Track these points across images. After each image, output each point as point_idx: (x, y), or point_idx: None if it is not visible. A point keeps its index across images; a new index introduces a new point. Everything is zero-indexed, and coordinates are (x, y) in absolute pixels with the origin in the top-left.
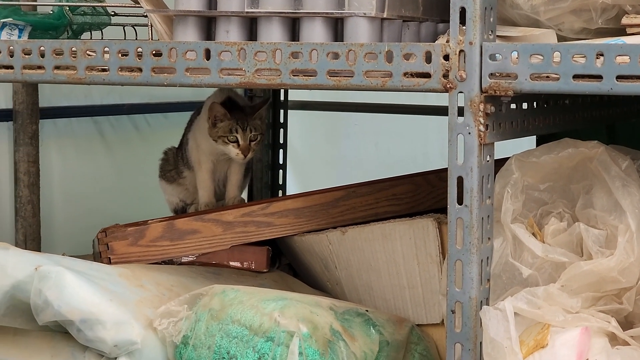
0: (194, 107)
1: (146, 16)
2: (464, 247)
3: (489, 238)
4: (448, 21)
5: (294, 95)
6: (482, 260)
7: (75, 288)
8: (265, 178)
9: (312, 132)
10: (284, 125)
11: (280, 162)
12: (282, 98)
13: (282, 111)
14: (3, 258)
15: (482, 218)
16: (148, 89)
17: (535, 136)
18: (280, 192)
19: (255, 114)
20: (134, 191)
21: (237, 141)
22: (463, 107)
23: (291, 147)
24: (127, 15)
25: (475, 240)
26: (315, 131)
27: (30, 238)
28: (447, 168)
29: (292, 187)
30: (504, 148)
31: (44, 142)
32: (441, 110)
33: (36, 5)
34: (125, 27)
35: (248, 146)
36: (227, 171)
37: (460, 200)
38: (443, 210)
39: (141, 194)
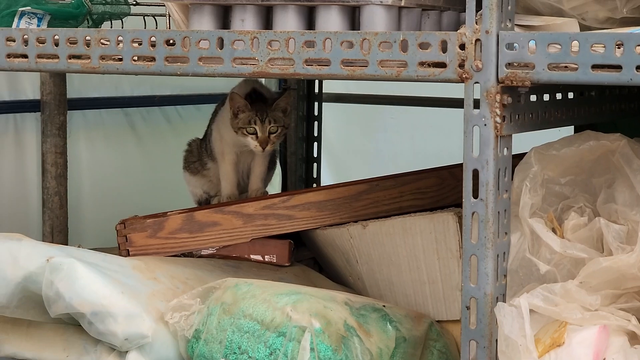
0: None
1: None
2: (479, 241)
3: (505, 233)
4: None
5: (329, 88)
6: (497, 256)
7: (87, 280)
8: (299, 171)
9: (347, 125)
10: (319, 118)
11: (315, 155)
12: (316, 90)
13: (316, 104)
14: (16, 249)
15: (498, 212)
16: (180, 80)
17: (573, 127)
18: (314, 185)
19: (273, 105)
20: (164, 184)
21: (255, 133)
22: (479, 98)
23: (326, 140)
24: (149, 5)
25: (491, 235)
26: (351, 124)
27: (57, 230)
28: None
29: (327, 180)
30: (538, 140)
31: (73, 134)
32: (477, 104)
33: None
34: (145, 17)
35: (267, 138)
36: (250, 163)
37: (475, 194)
38: None
39: (172, 187)
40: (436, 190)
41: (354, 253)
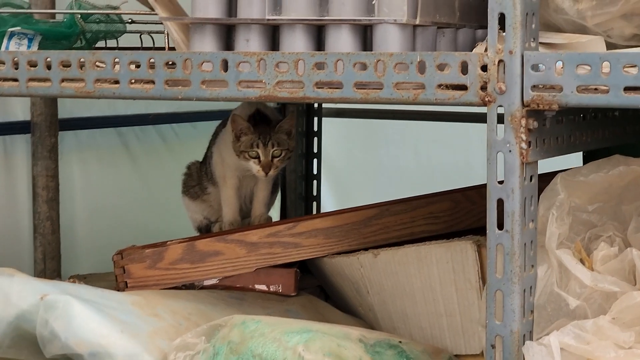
0: (225, 117)
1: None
2: (504, 276)
3: (532, 265)
4: (487, 27)
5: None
6: (524, 290)
7: (84, 318)
8: (299, 189)
9: (348, 141)
10: (318, 134)
11: (315, 172)
12: (315, 106)
13: (315, 119)
14: (7, 286)
15: (525, 244)
16: None
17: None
18: (314, 203)
19: (276, 127)
20: (160, 206)
21: (258, 157)
22: (503, 122)
23: (327, 156)
24: (145, 23)
25: (517, 269)
26: (352, 139)
27: (50, 256)
28: None
29: (327, 198)
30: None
31: (65, 155)
32: (483, 118)
33: (48, 12)
34: (141, 35)
35: (270, 162)
36: (253, 187)
37: (500, 225)
38: (483, 229)
39: (169, 209)
40: (450, 214)
41: (365, 283)
